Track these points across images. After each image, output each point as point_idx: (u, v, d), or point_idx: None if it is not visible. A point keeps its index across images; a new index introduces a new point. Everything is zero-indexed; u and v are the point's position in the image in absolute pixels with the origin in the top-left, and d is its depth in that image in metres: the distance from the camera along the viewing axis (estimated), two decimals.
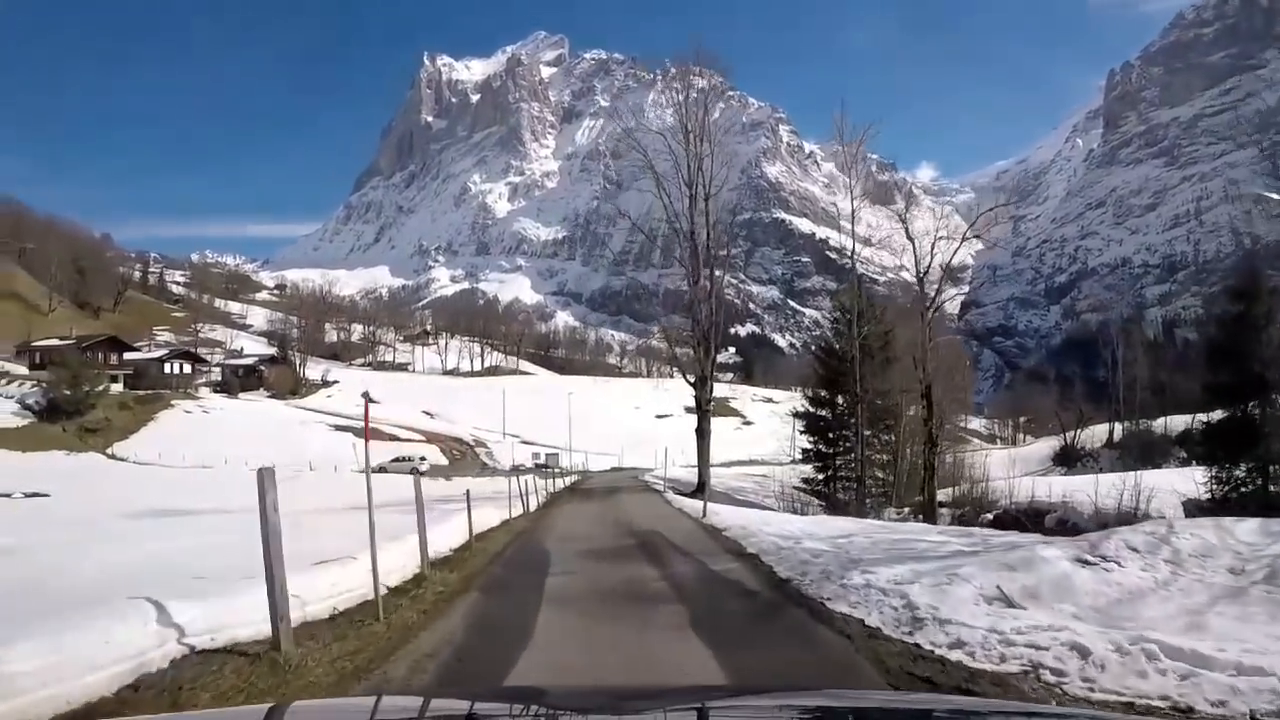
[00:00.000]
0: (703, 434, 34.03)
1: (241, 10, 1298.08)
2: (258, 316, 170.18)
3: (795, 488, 38.66)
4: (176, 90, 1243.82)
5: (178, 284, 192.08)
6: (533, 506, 24.29)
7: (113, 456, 65.31)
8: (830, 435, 38.15)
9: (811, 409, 39.86)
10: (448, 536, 12.79)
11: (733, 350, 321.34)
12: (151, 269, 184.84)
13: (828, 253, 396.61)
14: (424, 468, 60.34)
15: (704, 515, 18.25)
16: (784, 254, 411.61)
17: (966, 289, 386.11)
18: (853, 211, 35.91)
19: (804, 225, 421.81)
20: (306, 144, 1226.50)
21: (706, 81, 35.15)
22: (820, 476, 38.18)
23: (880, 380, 37.12)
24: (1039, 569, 7.65)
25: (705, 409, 33.94)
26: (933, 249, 34.83)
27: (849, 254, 39.68)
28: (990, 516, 29.32)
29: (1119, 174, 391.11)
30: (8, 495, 40.55)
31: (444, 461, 72.08)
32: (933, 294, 34.66)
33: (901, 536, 12.48)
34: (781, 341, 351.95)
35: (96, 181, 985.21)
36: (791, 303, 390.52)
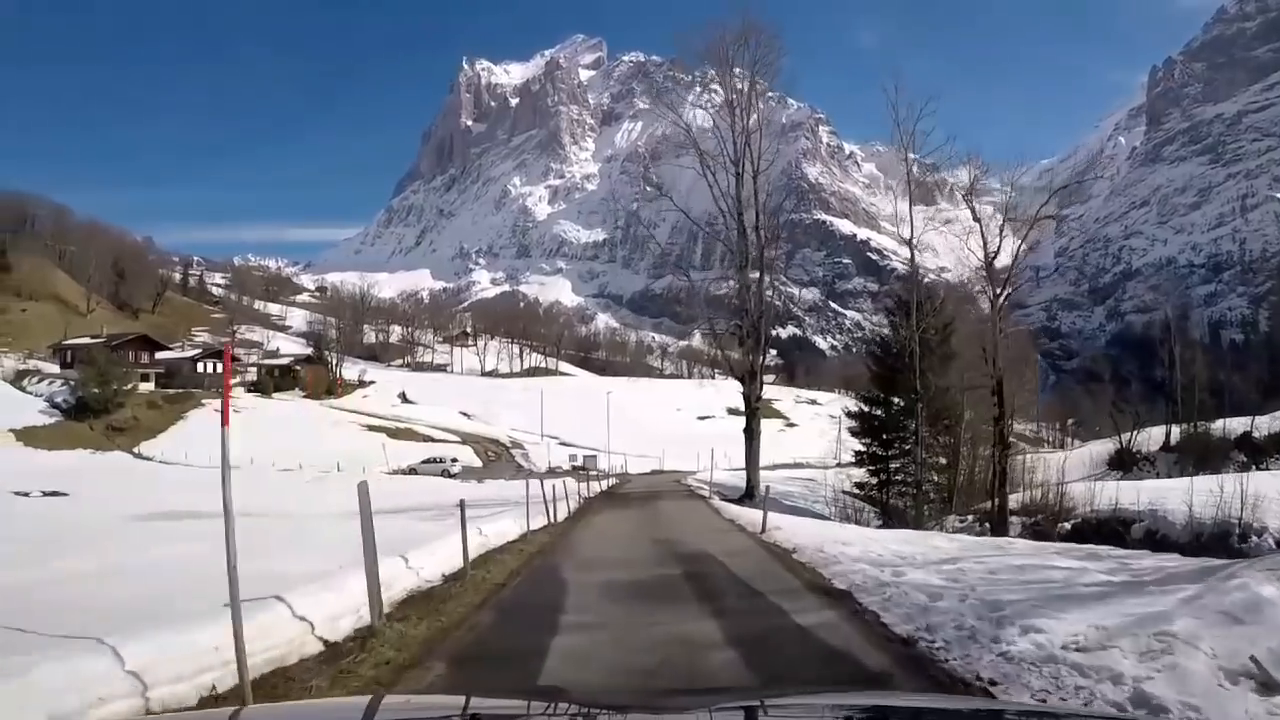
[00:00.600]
0: (751, 434, 30.83)
1: (284, 17, 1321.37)
2: (297, 318, 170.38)
3: (845, 493, 36.48)
4: (221, 96, 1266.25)
5: (218, 286, 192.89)
6: (561, 515, 21.48)
7: (139, 455, 64.42)
8: (885, 437, 35.27)
9: (865, 408, 36.97)
10: (440, 559, 10.28)
11: (774, 352, 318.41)
12: (192, 271, 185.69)
13: (869, 254, 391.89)
14: (455, 469, 58.07)
15: (763, 529, 15.21)
16: (825, 255, 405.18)
17: (1009, 291, 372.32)
18: (910, 189, 32.51)
19: (845, 226, 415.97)
20: (348, 148, 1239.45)
21: (753, 53, 32.02)
22: (873, 481, 35.47)
23: (939, 377, 33.94)
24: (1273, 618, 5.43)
25: (754, 407, 30.75)
26: (1001, 231, 31.71)
27: (890, 254, 36.10)
28: (1068, 526, 26.91)
29: (1163, 172, 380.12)
30: (25, 494, 39.03)
31: (478, 463, 69.69)
32: (1003, 280, 31.53)
33: (1020, 561, 9.90)
34: (823, 343, 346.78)
35: (141, 187, 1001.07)
36: (833, 304, 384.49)
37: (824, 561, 10.62)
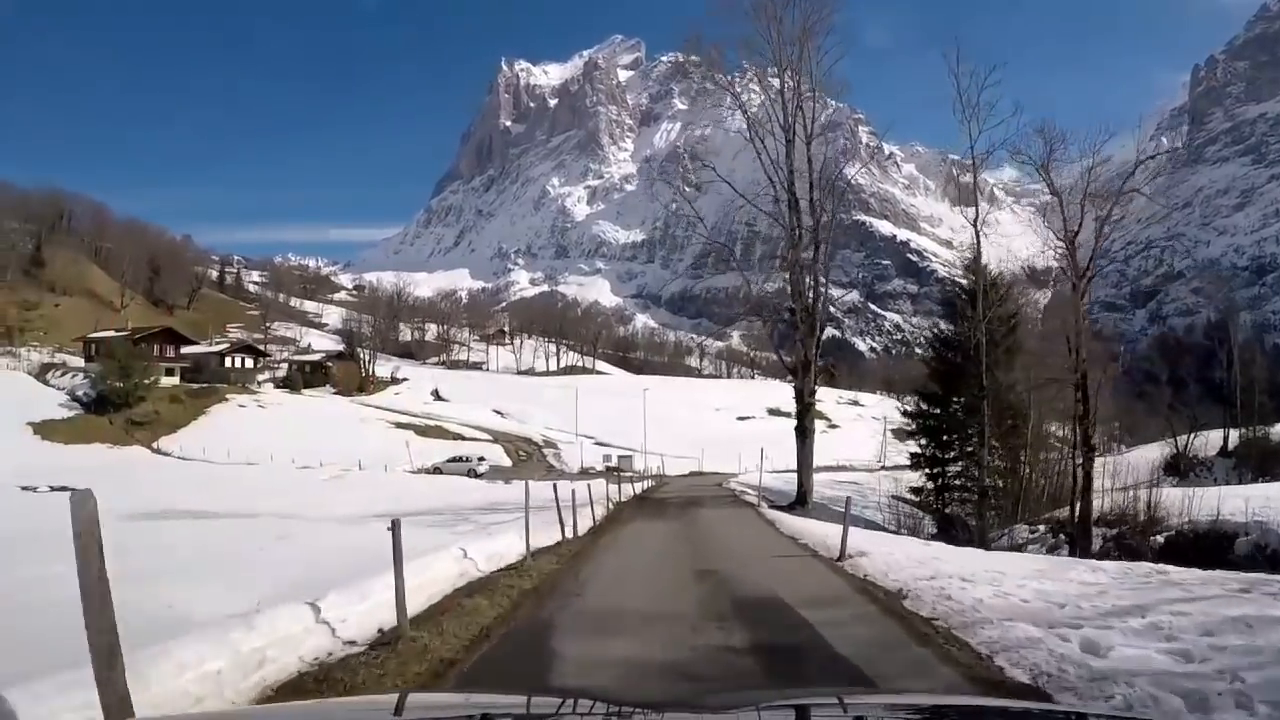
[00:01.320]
0: (804, 433, 27.20)
1: (326, 17, 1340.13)
2: (333, 316, 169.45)
3: (898, 498, 33.96)
4: (265, 98, 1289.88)
5: (255, 284, 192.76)
6: (583, 527, 17.95)
7: (157, 451, 63.05)
8: (944, 438, 32.37)
9: (924, 405, 33.95)
10: (381, 605, 7.13)
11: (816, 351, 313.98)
12: (229, 269, 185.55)
13: (909, 255, 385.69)
14: (482, 469, 55.07)
15: (842, 556, 11.56)
16: (864, 256, 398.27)
17: (1049, 294, 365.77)
18: (974, 164, 28.63)
19: (884, 227, 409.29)
20: (388, 149, 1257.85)
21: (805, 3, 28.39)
22: (930, 486, 32.77)
23: (1004, 373, 30.66)
24: None
25: (807, 403, 27.08)
26: (1083, 205, 27.97)
27: (930, 256, 32.39)
28: (1160, 540, 23.57)
29: (1205, 173, 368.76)
30: (33, 489, 38.75)
31: (507, 463, 66.56)
32: (1086, 262, 27.91)
33: (1230, 611, 6.70)
34: (862, 345, 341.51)
35: (185, 188, 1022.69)
36: (872, 306, 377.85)
37: (960, 617, 7.11)
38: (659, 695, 5.05)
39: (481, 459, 58.71)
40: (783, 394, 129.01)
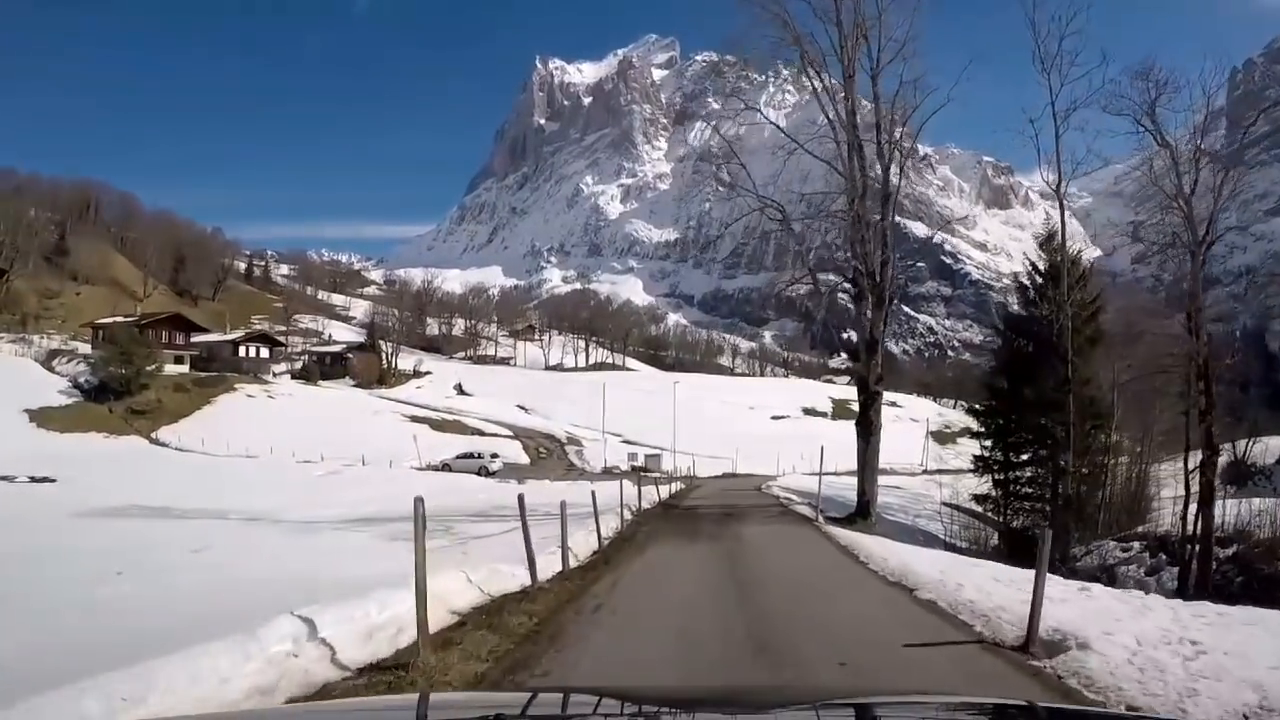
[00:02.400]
0: (868, 430, 22.47)
1: (365, 16, 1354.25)
2: (361, 310, 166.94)
3: (955, 507, 30.53)
4: (302, 96, 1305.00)
5: (285, 277, 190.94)
6: (585, 550, 13.29)
7: (155, 441, 60.21)
8: (1012, 439, 28.46)
9: (994, 401, 30.12)
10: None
11: (843, 356, 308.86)
12: (257, 262, 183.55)
13: (942, 257, 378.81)
14: (495, 466, 50.95)
15: (1030, 643, 6.77)
16: (898, 258, 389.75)
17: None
18: (1055, 120, 23.92)
19: (918, 229, 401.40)
20: (423, 146, 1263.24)
21: None
22: (996, 493, 28.86)
23: (1084, 366, 26.22)
24: None
25: (873, 390, 22.34)
26: (1196, 159, 24.13)
27: (964, 258, 28.18)
28: None
29: (1243, 177, 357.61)
30: (10, 478, 37.11)
31: (524, 460, 62.47)
32: (1206, 223, 23.82)
33: None
34: (895, 348, 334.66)
35: (224, 186, 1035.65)
36: (905, 308, 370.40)
37: None
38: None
39: (495, 455, 54.73)
40: (818, 393, 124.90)
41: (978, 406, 33.31)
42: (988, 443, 29.31)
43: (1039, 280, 28.04)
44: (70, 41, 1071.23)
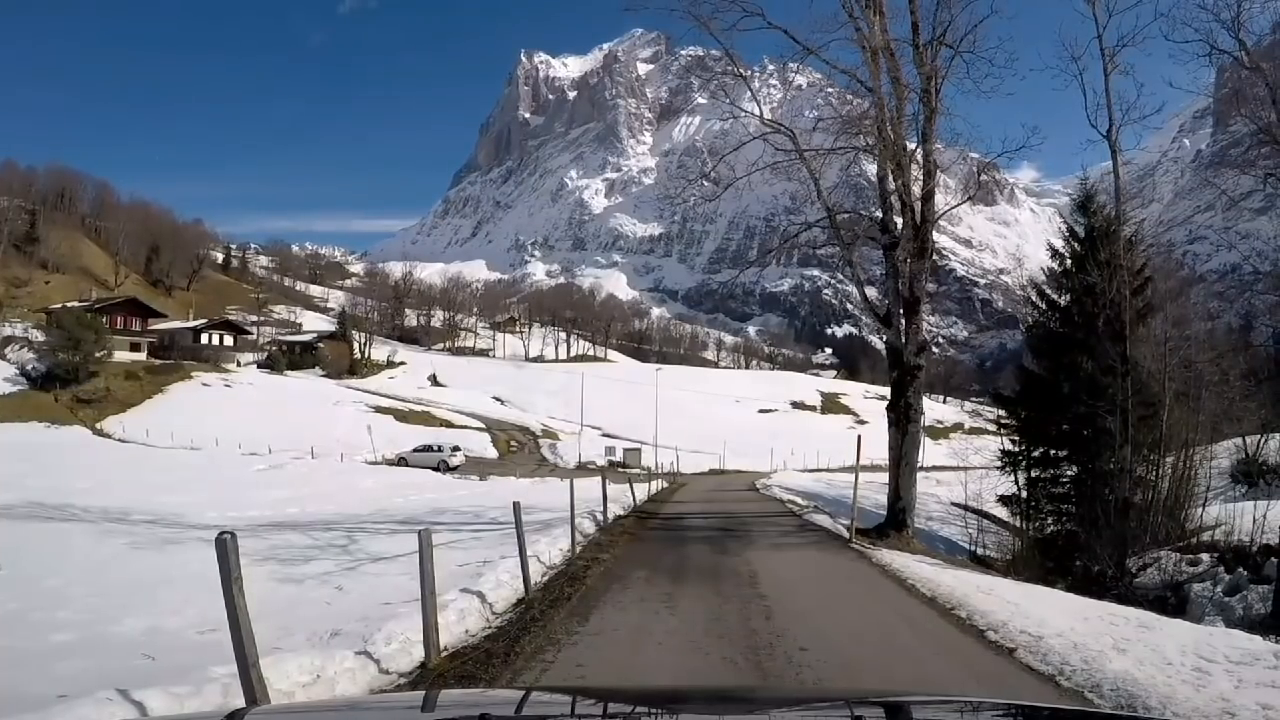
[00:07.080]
0: (906, 418, 17.89)
1: (349, 8, 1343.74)
2: (339, 300, 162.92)
3: (972, 510, 26.81)
4: (287, 89, 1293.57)
5: (264, 268, 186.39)
6: (503, 599, 8.26)
7: (99, 432, 56.25)
8: (1052, 432, 24.13)
9: (1029, 386, 25.65)
10: None
11: (829, 351, 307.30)
12: (234, 252, 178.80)
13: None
14: (455, 460, 46.89)
15: None
16: (883, 254, 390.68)
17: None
18: (1104, 57, 20.08)
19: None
20: (407, 140, 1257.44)
21: None
22: (1024, 495, 24.57)
23: (1131, 348, 22.33)
24: None
25: (911, 367, 18.12)
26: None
27: (949, 254, 24.22)
28: None
29: (1228, 176, 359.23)
30: None
31: (492, 454, 58.44)
32: None
33: None
34: (879, 345, 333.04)
35: (209, 180, 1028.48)
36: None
37: None
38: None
39: (456, 449, 50.56)
40: (806, 386, 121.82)
41: (1005, 393, 29.09)
42: (1015, 437, 25.51)
43: (1076, 247, 24.29)
44: (59, 37, 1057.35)
